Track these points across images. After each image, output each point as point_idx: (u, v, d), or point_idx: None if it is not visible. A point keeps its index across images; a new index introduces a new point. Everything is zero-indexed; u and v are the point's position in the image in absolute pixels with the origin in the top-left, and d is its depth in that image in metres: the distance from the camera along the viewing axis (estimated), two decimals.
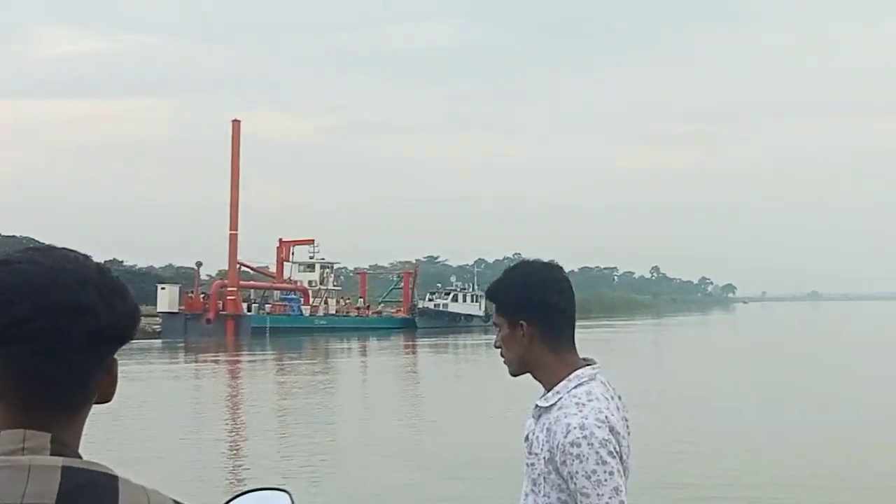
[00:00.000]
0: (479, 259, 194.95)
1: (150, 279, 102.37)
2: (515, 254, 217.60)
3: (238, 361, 51.10)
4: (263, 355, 55.48)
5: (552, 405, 2.93)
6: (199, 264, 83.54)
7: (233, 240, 78.47)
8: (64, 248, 1.46)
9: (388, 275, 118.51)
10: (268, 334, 72.07)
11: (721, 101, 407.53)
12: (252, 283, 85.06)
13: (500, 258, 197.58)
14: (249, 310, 78.30)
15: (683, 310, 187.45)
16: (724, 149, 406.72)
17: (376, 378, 41.53)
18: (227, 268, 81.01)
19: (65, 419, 1.41)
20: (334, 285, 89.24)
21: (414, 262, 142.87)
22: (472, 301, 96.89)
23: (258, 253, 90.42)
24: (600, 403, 2.87)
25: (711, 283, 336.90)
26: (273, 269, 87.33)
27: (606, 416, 2.83)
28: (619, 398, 3.00)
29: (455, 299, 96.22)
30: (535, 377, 3.03)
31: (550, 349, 2.97)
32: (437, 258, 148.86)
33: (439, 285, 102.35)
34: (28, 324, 1.35)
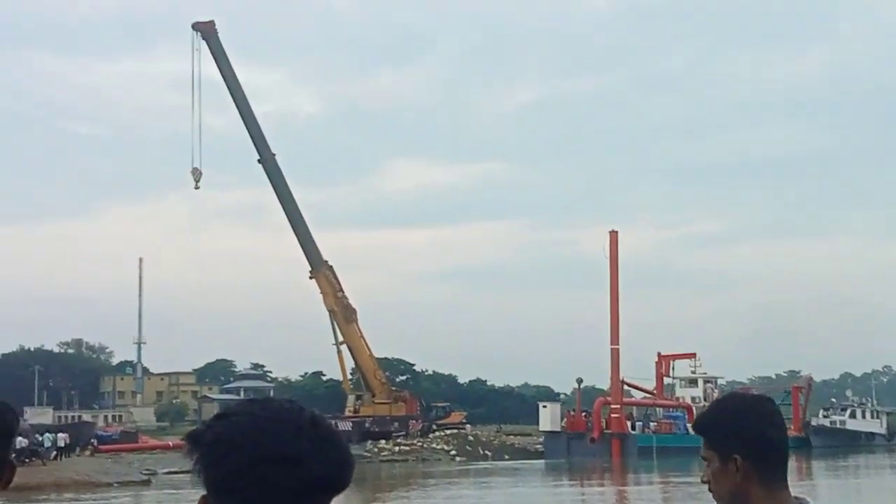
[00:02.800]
0: (846, 373, 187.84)
1: (514, 398, 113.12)
2: (885, 366, 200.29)
3: (626, 484, 50.23)
4: (651, 478, 54.12)
5: None
6: (579, 381, 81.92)
7: (614, 355, 76.42)
8: (281, 399, 1.53)
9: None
10: (654, 454, 68.93)
11: None
12: (634, 400, 78.97)
13: (868, 371, 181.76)
14: (633, 428, 76.78)
15: None
16: None
17: None
18: (595, 385, 78.27)
19: None
20: None
21: (773, 376, 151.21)
22: (873, 417, 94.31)
23: (628, 367, 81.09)
24: None
25: None
26: (634, 381, 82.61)
27: None
28: None
29: (853, 415, 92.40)
30: None
31: (763, 486, 2.84)
32: (798, 372, 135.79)
33: (833, 401, 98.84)
34: (244, 475, 1.45)
